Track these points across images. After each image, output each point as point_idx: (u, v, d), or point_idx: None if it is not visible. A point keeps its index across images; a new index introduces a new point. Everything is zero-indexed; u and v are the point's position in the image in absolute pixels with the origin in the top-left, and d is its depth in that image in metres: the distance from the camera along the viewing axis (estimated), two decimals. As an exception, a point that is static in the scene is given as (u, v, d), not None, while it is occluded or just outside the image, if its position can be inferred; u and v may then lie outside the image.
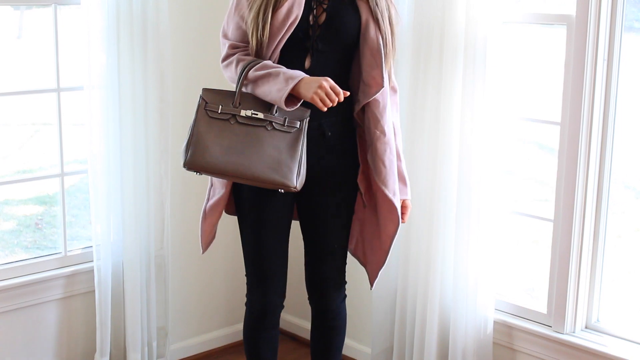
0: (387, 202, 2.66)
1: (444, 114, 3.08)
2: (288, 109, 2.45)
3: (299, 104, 2.47)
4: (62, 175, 3.38)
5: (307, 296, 2.90)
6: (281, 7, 2.47)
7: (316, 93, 2.40)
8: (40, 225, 4.83)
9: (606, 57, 2.91)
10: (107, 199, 3.33)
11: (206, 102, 2.49)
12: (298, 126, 2.50)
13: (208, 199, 2.71)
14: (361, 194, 2.73)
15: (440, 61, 3.07)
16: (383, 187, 2.64)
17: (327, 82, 2.42)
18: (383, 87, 2.55)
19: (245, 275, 2.78)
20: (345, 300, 2.91)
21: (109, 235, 3.37)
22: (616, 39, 2.90)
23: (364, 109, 2.64)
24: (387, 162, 2.63)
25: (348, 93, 2.48)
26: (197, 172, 2.49)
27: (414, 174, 3.19)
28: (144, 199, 3.40)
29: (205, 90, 2.52)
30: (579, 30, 2.89)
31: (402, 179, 2.74)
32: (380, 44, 2.55)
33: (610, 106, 2.94)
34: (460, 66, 3.03)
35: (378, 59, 2.55)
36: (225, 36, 2.60)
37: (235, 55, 2.54)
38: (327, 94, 2.41)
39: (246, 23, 2.53)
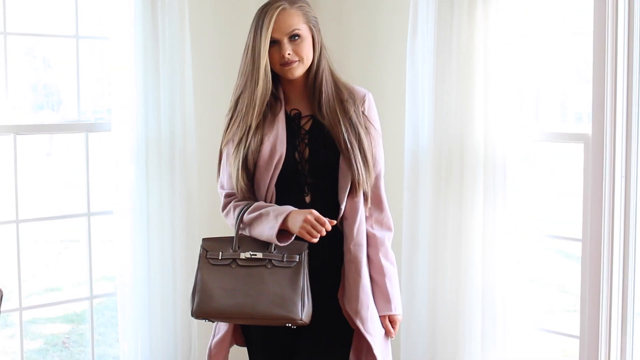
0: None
1: (465, 230, 3.12)
2: (282, 244, 2.49)
3: (293, 238, 2.50)
4: (91, 298, 3.42)
5: None
6: (263, 146, 2.55)
7: (302, 227, 2.44)
8: (67, 344, 4.83)
9: (624, 174, 2.96)
10: (134, 318, 3.35)
11: (207, 251, 2.55)
12: (297, 259, 2.52)
13: (214, 335, 2.70)
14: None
15: (461, 178, 3.13)
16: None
17: (312, 215, 2.45)
18: (341, 209, 2.58)
19: None
20: None
21: (136, 354, 3.38)
22: (633, 154, 2.95)
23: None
24: (351, 280, 2.60)
25: (335, 222, 2.50)
26: (205, 319, 2.52)
27: (438, 288, 3.20)
28: (171, 319, 3.42)
29: (205, 240, 2.58)
30: (595, 148, 2.95)
31: (385, 295, 2.69)
32: (347, 171, 2.58)
33: (630, 222, 2.97)
34: (480, 183, 3.09)
35: (344, 184, 2.59)
36: (221, 187, 2.68)
37: (232, 202, 2.61)
38: (313, 226, 2.45)
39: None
